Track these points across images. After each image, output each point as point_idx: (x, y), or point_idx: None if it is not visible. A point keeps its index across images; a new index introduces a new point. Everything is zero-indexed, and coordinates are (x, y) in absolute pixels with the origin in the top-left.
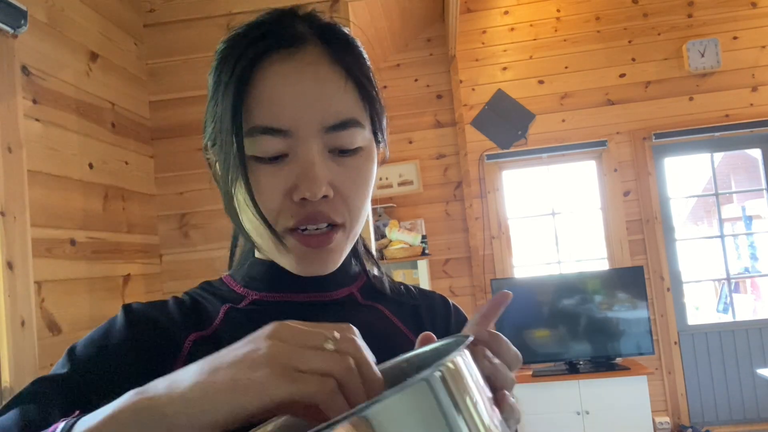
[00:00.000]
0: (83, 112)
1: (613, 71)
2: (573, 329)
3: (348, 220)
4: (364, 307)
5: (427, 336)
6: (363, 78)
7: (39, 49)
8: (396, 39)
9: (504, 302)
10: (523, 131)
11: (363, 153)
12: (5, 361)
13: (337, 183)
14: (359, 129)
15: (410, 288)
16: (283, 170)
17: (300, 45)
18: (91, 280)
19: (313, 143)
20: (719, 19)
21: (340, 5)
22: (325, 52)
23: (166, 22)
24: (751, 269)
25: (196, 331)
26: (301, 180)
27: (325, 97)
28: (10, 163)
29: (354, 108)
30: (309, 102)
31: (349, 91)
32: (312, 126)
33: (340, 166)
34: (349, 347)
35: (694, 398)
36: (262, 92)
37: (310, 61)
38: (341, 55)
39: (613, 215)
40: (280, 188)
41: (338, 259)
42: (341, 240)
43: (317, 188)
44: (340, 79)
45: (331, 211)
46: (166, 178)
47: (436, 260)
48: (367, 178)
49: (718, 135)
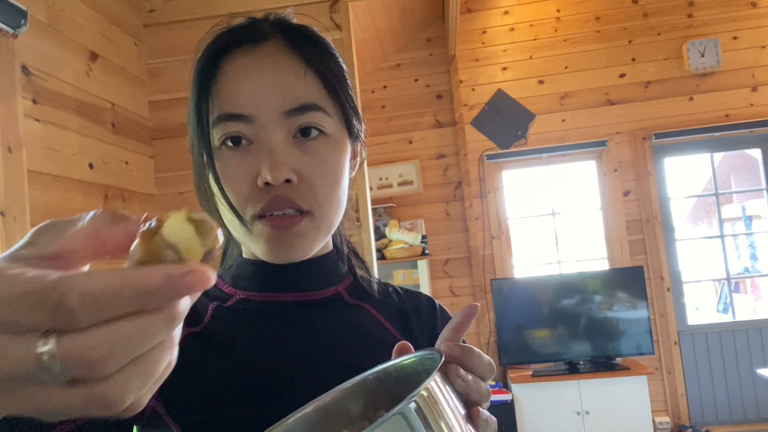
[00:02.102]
0: (83, 112)
1: (613, 71)
2: (573, 329)
3: (316, 208)
4: (351, 306)
5: (404, 346)
6: (326, 70)
7: (39, 49)
8: (396, 39)
9: (473, 314)
10: (523, 131)
11: (329, 140)
12: None
13: (302, 169)
14: (322, 114)
15: (397, 289)
16: (248, 156)
17: (260, 40)
18: None
19: (275, 128)
20: (719, 19)
21: (340, 5)
22: (285, 44)
23: (166, 22)
24: (751, 269)
25: (187, 327)
26: (263, 164)
27: (284, 83)
28: (10, 163)
29: (315, 94)
30: (268, 89)
31: (310, 79)
32: (272, 111)
33: (304, 152)
34: None
35: (694, 398)
36: (225, 84)
37: (269, 53)
38: (301, 47)
39: (613, 215)
40: (247, 175)
41: (307, 245)
42: (309, 227)
43: (278, 172)
44: (299, 68)
45: (295, 196)
46: (166, 178)
47: (436, 260)
48: (333, 165)
49: (718, 135)
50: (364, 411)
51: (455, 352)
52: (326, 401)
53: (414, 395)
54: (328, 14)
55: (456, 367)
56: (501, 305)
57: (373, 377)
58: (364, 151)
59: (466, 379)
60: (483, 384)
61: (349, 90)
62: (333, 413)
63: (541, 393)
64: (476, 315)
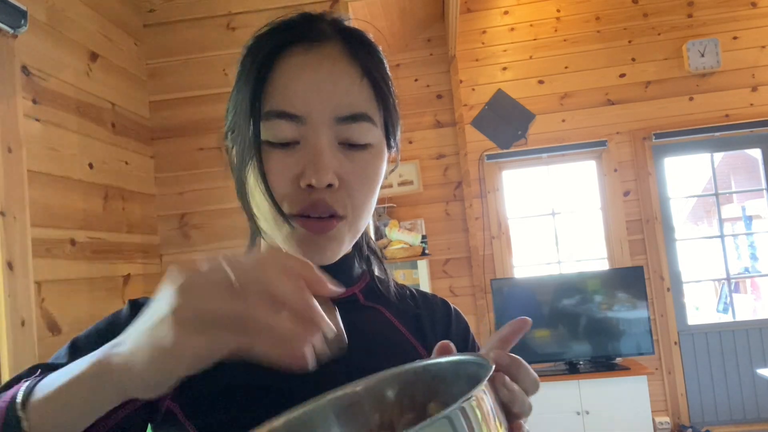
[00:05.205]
0: (83, 112)
1: (613, 71)
2: (573, 329)
3: (350, 213)
4: (365, 308)
5: (446, 346)
6: (380, 79)
7: (39, 49)
8: (396, 39)
9: (524, 328)
10: (523, 131)
11: (372, 150)
12: (5, 361)
13: (344, 175)
14: (370, 125)
15: (413, 291)
16: (293, 156)
17: (321, 40)
18: (91, 280)
19: (324, 132)
20: (719, 19)
21: (340, 5)
22: (345, 49)
23: (166, 22)
24: (751, 269)
25: None
26: (308, 166)
27: (339, 88)
28: (10, 163)
29: (367, 104)
30: (323, 91)
31: (364, 89)
32: (324, 114)
33: (348, 159)
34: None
35: (694, 398)
36: (280, 80)
37: (328, 55)
38: (360, 54)
39: (613, 215)
40: (288, 173)
41: (338, 249)
42: (343, 230)
43: (323, 175)
44: (356, 75)
45: (334, 201)
46: (166, 178)
47: (436, 260)
48: (373, 175)
49: (718, 135)
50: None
51: (504, 361)
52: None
53: (464, 400)
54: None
55: (503, 376)
56: (501, 305)
57: (411, 371)
58: (398, 157)
59: (513, 389)
60: (527, 398)
61: (394, 99)
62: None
63: (541, 393)
64: (527, 330)
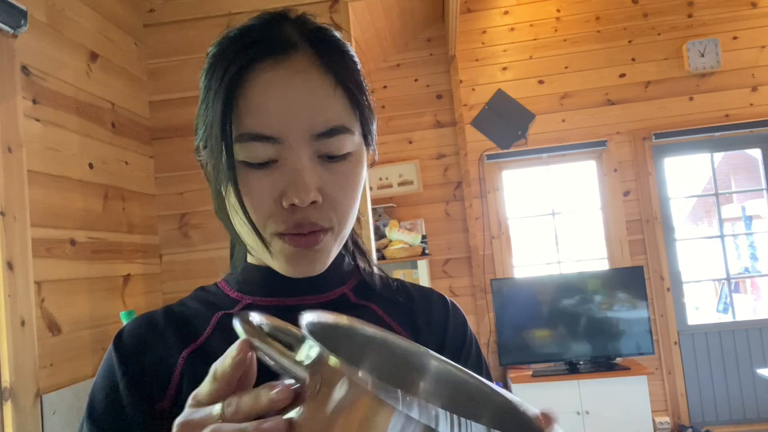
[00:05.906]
0: (83, 112)
1: (613, 71)
2: (573, 329)
3: (336, 224)
4: (356, 307)
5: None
6: (353, 85)
7: (39, 49)
8: (396, 39)
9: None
10: (523, 131)
11: (352, 158)
12: (5, 361)
13: (326, 188)
14: (348, 135)
15: (406, 285)
16: (272, 176)
17: (290, 51)
18: (91, 280)
19: (302, 150)
20: (719, 19)
21: (340, 5)
22: (315, 58)
23: (166, 22)
24: (751, 269)
25: (188, 344)
26: (290, 186)
27: (314, 104)
28: (10, 163)
29: (343, 115)
30: (298, 109)
31: (339, 98)
32: (301, 133)
33: (329, 172)
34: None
35: (694, 398)
36: (251, 100)
37: (299, 69)
38: (331, 62)
39: (613, 215)
40: (269, 194)
41: (326, 259)
42: (329, 241)
43: (306, 195)
44: (329, 87)
45: (319, 217)
46: (166, 178)
47: (436, 260)
48: (355, 182)
49: (718, 135)
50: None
51: None
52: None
53: None
54: (328, 14)
55: None
56: (501, 305)
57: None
58: (376, 154)
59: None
60: None
61: (369, 100)
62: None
63: (541, 393)
64: None
